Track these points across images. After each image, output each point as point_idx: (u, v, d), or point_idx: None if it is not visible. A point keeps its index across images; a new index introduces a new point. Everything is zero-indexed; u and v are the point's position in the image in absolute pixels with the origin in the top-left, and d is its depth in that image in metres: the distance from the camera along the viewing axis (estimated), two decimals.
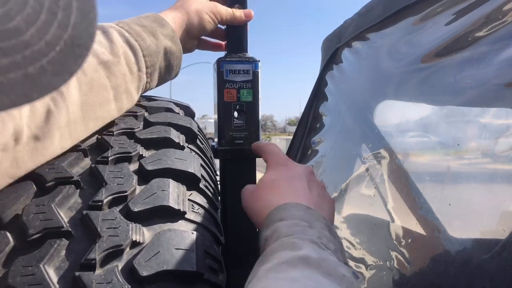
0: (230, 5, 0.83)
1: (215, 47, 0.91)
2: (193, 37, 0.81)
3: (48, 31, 0.21)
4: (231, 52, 0.84)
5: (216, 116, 0.83)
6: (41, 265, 0.45)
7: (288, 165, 0.67)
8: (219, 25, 0.84)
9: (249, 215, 0.64)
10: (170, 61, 0.73)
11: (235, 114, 0.80)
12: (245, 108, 0.80)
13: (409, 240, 0.74)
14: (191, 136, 0.69)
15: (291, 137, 1.54)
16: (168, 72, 0.75)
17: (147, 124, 0.66)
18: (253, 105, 0.81)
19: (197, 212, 0.58)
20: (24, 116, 0.51)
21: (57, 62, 0.21)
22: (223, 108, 0.80)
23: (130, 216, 0.51)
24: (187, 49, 0.81)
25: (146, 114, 0.70)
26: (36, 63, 0.20)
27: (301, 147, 1.38)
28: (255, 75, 0.81)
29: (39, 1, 0.21)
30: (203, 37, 0.86)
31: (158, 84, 0.75)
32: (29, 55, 0.20)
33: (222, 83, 0.80)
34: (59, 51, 0.21)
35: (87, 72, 0.59)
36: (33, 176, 0.53)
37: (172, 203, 0.54)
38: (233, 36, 0.84)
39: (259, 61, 0.82)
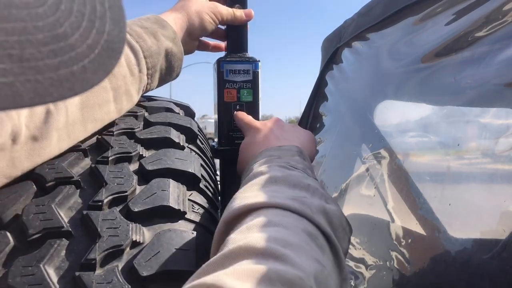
0: (230, 5, 0.83)
1: (214, 48, 0.91)
2: (194, 38, 0.81)
3: (89, 36, 0.25)
4: (231, 52, 0.83)
5: (216, 116, 0.83)
6: (41, 265, 0.45)
7: (259, 126, 0.75)
8: (219, 26, 0.84)
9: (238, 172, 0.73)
10: (171, 62, 0.73)
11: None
12: (245, 108, 0.80)
13: (409, 240, 0.74)
14: (191, 136, 0.69)
15: None
16: (169, 73, 0.75)
17: (147, 124, 0.66)
18: (253, 105, 0.81)
19: (197, 212, 0.58)
20: (23, 116, 0.51)
21: (96, 63, 0.25)
22: (223, 108, 0.80)
23: (130, 216, 0.51)
24: (188, 50, 0.81)
25: (146, 114, 0.70)
26: (80, 63, 0.24)
27: None
28: (255, 75, 0.81)
29: (81, 11, 0.25)
30: (203, 38, 0.86)
31: (159, 85, 0.75)
32: (74, 56, 0.24)
33: (222, 83, 0.80)
34: (97, 53, 0.25)
35: None
36: (33, 176, 0.53)
37: (172, 203, 0.54)
38: (233, 36, 0.84)
39: (259, 61, 0.82)
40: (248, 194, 0.50)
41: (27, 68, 0.22)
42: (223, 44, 0.90)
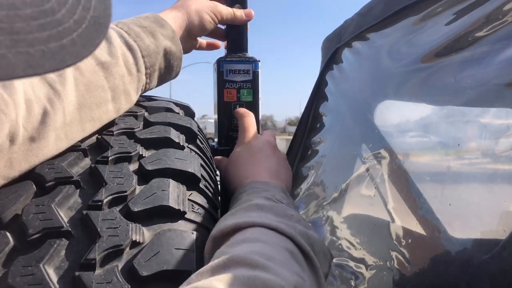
0: (230, 5, 0.83)
1: (208, 46, 0.91)
2: (193, 37, 0.81)
3: (75, 12, 0.26)
4: (231, 52, 0.83)
5: (216, 116, 0.83)
6: (41, 265, 0.45)
7: (251, 141, 0.78)
8: (219, 25, 0.83)
9: (224, 184, 0.78)
10: (170, 61, 0.73)
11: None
12: (245, 108, 0.80)
13: (409, 240, 0.73)
14: (191, 136, 0.69)
15: (291, 137, 1.54)
16: (168, 73, 0.75)
17: (147, 124, 0.66)
18: (253, 105, 0.81)
19: (197, 212, 0.58)
20: (20, 117, 0.51)
21: (84, 36, 0.26)
22: (223, 108, 0.80)
23: (130, 216, 0.51)
24: (186, 48, 0.81)
25: (146, 114, 0.70)
26: (68, 36, 0.25)
27: (301, 147, 1.38)
28: (255, 75, 0.81)
29: None
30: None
31: (158, 84, 0.75)
32: (62, 30, 0.25)
33: (222, 83, 0.80)
34: (84, 28, 0.26)
35: (85, 72, 0.59)
36: (33, 176, 0.53)
37: (172, 203, 0.54)
38: (233, 36, 0.84)
39: (259, 61, 0.82)
40: (237, 215, 0.55)
41: (18, 40, 0.23)
42: (218, 42, 0.90)
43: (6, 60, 0.22)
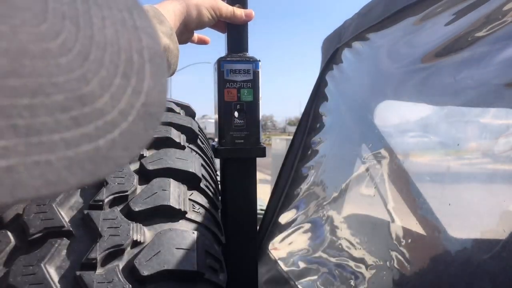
0: (231, 4, 0.83)
1: (200, 41, 0.90)
2: (190, 30, 0.81)
3: (122, 98, 0.18)
4: (232, 52, 0.83)
5: (216, 116, 0.83)
6: (42, 265, 0.45)
7: None
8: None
9: None
10: (168, 58, 0.73)
11: (236, 113, 0.80)
12: (246, 108, 0.80)
13: (409, 240, 0.74)
14: (191, 136, 0.69)
15: (291, 137, 1.54)
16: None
17: None
18: (254, 104, 0.81)
19: (197, 212, 0.58)
20: None
21: (128, 134, 0.18)
22: (224, 108, 0.80)
23: (131, 215, 0.51)
24: (181, 41, 0.80)
25: None
26: (108, 135, 0.17)
27: (301, 147, 1.38)
28: (256, 74, 0.81)
29: (114, 62, 0.19)
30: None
31: None
32: (102, 125, 0.17)
33: (222, 83, 0.80)
34: (131, 121, 0.18)
35: None
36: None
37: (173, 202, 0.54)
38: (234, 36, 0.84)
39: (259, 60, 0.82)
40: None
41: (37, 144, 0.15)
42: (208, 38, 0.90)
43: (15, 176, 0.14)
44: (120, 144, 0.17)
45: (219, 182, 0.83)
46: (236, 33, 0.84)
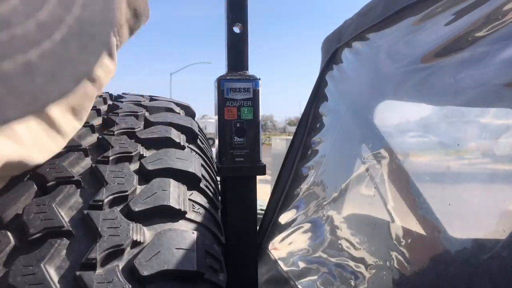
0: (231, 24, 0.83)
1: None
2: None
3: (42, 5, 0.15)
4: (232, 70, 0.83)
5: (217, 133, 0.83)
6: (41, 265, 0.45)
7: None
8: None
9: None
10: (135, 8, 0.66)
11: (236, 132, 0.80)
12: (246, 126, 0.80)
13: (409, 240, 0.74)
14: (191, 136, 0.69)
15: (291, 137, 1.54)
16: (137, 21, 0.67)
17: (148, 124, 0.66)
18: (254, 122, 0.81)
19: (197, 212, 0.58)
20: None
21: (53, 58, 0.15)
22: (224, 126, 0.80)
23: (131, 215, 0.51)
24: None
25: (146, 113, 0.70)
26: (19, 55, 0.14)
27: (301, 147, 1.38)
28: (256, 93, 0.80)
29: None
30: None
31: (131, 35, 0.70)
32: (7, 41, 0.14)
33: (222, 101, 0.80)
34: (58, 41, 0.15)
35: None
36: (34, 176, 0.53)
37: (173, 203, 0.54)
38: (234, 54, 0.84)
39: (259, 79, 0.82)
40: None
41: None
42: None
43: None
44: (40, 71, 0.13)
45: (219, 182, 0.83)
46: (236, 51, 0.84)
